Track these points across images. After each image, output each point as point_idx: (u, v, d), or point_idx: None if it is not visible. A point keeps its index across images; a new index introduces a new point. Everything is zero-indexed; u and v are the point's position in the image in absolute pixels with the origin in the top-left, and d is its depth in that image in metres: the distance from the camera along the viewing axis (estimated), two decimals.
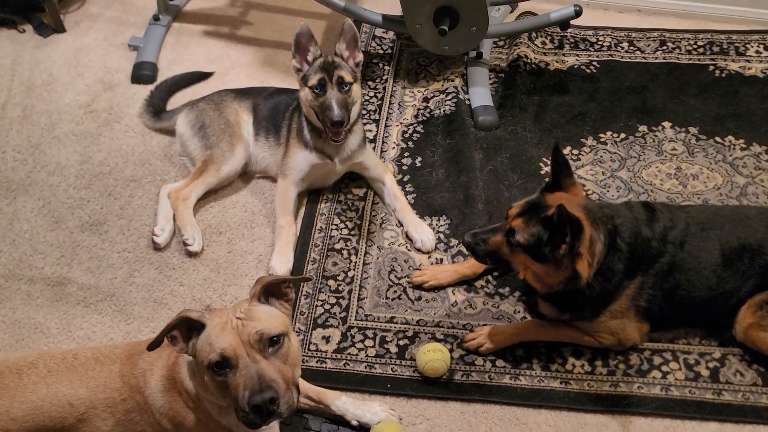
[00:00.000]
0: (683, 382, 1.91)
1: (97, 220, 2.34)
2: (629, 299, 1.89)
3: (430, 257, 2.23)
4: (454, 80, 2.83)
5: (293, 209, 2.32)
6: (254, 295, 1.49)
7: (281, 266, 2.16)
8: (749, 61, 2.87)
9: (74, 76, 2.88)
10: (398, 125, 2.67)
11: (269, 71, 2.93)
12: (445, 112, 2.70)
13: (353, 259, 2.23)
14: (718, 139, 2.57)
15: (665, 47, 2.97)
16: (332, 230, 2.31)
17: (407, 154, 2.57)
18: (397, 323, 2.07)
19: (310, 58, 2.19)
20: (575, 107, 2.73)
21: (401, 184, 2.44)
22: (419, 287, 2.14)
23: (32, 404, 1.56)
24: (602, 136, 2.61)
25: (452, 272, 2.15)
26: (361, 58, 2.23)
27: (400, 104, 2.76)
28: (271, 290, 1.52)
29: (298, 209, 2.37)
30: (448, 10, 2.57)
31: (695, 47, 2.95)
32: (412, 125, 2.67)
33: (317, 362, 1.97)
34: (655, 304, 1.90)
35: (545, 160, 2.51)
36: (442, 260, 2.23)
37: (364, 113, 2.69)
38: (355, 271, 2.20)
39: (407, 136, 2.63)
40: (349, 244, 2.27)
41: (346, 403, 1.84)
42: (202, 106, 2.47)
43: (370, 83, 2.84)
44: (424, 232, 2.26)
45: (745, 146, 2.54)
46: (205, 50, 3.02)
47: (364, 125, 2.50)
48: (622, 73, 2.86)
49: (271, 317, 1.46)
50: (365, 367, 1.97)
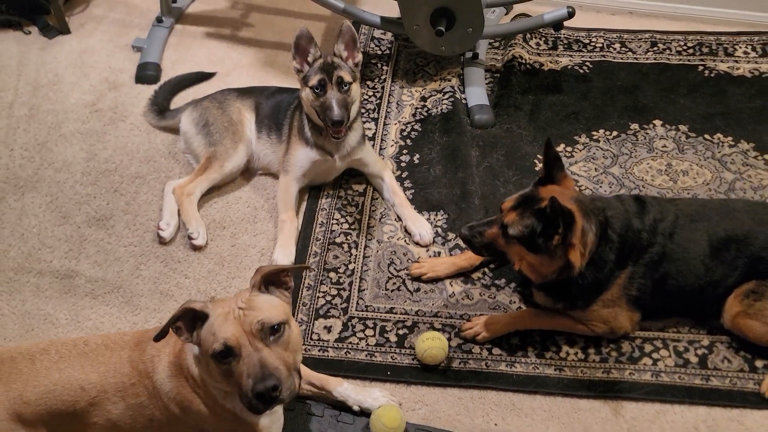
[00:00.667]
0: (673, 368, 1.97)
1: (103, 215, 2.40)
2: (620, 288, 1.94)
3: (428, 250, 2.30)
4: (450, 80, 2.90)
5: (295, 204, 2.37)
6: (255, 285, 1.53)
7: (284, 259, 2.22)
8: (737, 61, 2.95)
9: (79, 76, 2.93)
10: (397, 124, 2.74)
11: (270, 72, 2.99)
12: (442, 110, 2.76)
13: (353, 252, 2.29)
14: (707, 136, 2.64)
15: (656, 48, 3.04)
16: (333, 225, 2.38)
17: (406, 151, 2.63)
18: (396, 313, 2.13)
19: (310, 59, 2.24)
20: (569, 106, 2.79)
21: (400, 180, 2.50)
22: (418, 279, 2.20)
23: (45, 388, 1.61)
24: (595, 133, 2.68)
25: (450, 264, 2.21)
26: (360, 58, 2.29)
27: (398, 103, 2.83)
28: (270, 279, 1.57)
29: (299, 205, 2.42)
30: (444, 11, 2.63)
31: (685, 48, 3.03)
32: (410, 123, 2.74)
33: (319, 351, 2.03)
34: (645, 293, 1.95)
35: (540, 157, 2.57)
36: (439, 253, 2.29)
37: (363, 112, 2.75)
38: (355, 263, 2.26)
39: (405, 134, 2.70)
40: (349, 237, 2.34)
41: (347, 389, 1.89)
42: (205, 104, 2.52)
43: (369, 83, 2.91)
44: (422, 226, 2.32)
45: (733, 143, 2.61)
46: (207, 51, 3.08)
47: (363, 123, 2.56)
48: (614, 73, 2.93)
49: (271, 306, 1.51)
50: (366, 355, 2.03)
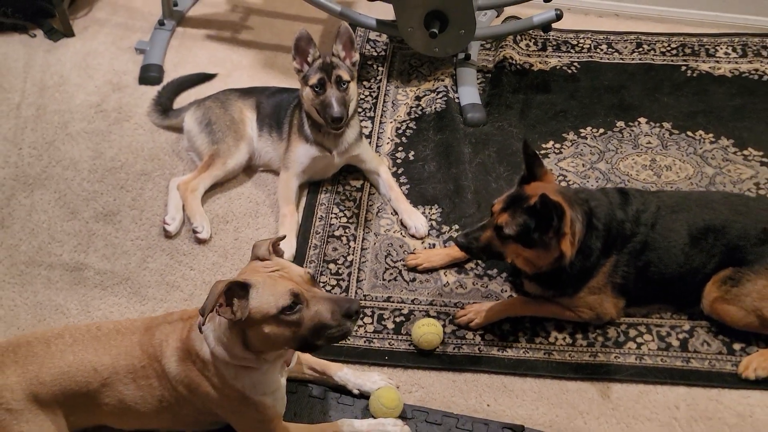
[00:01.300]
0: (656, 351, 2.07)
1: (110, 210, 2.48)
2: (606, 276, 2.04)
3: (423, 242, 2.39)
4: (444, 80, 3.00)
5: (295, 199, 2.46)
6: (270, 251, 1.64)
7: (286, 251, 2.28)
8: (718, 62, 3.06)
9: (84, 78, 3.01)
10: (392, 122, 2.84)
11: (270, 72, 3.08)
12: (436, 109, 2.86)
13: (352, 244, 2.39)
14: (689, 133, 2.75)
15: (641, 49, 3.15)
16: (332, 219, 2.47)
17: (401, 148, 2.73)
18: (393, 302, 2.22)
19: (309, 59, 2.34)
20: (557, 105, 2.90)
21: (396, 176, 2.60)
22: (413, 270, 2.30)
23: (59, 369, 1.69)
24: (582, 131, 2.79)
25: (444, 255, 2.30)
26: (357, 57, 2.39)
27: (393, 103, 2.93)
28: (274, 248, 1.68)
29: (299, 200, 2.51)
30: (438, 14, 2.73)
31: (669, 49, 3.14)
32: (405, 122, 2.84)
33: None
34: (629, 280, 2.05)
35: None
36: (434, 245, 2.39)
37: (360, 111, 2.85)
38: (353, 255, 2.35)
39: (401, 132, 2.80)
40: (347, 231, 2.43)
41: (347, 374, 1.98)
42: (208, 104, 2.62)
43: (365, 83, 3.01)
44: (417, 219, 2.42)
45: (714, 140, 2.72)
46: (208, 53, 3.17)
47: (360, 121, 2.66)
48: (601, 73, 3.03)
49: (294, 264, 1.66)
50: (365, 341, 2.12)
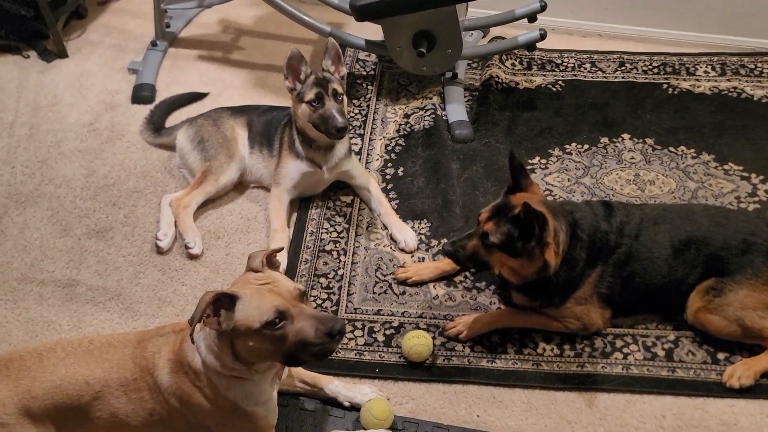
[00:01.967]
0: (642, 361, 2.10)
1: (103, 227, 2.50)
2: (591, 286, 2.08)
3: (412, 256, 2.43)
4: (432, 98, 3.06)
5: (286, 215, 2.49)
6: (263, 263, 1.65)
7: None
8: (698, 80, 3.15)
9: (77, 97, 3.05)
10: (381, 139, 2.89)
11: (260, 92, 3.13)
12: (424, 126, 2.92)
13: (342, 258, 2.42)
14: (671, 148, 2.81)
15: (624, 68, 3.24)
16: (323, 233, 2.51)
17: (390, 164, 2.78)
18: (383, 315, 2.25)
19: (302, 77, 2.39)
20: (543, 122, 2.96)
21: (385, 191, 2.64)
22: (403, 283, 2.32)
23: (52, 383, 1.69)
24: (567, 147, 2.84)
25: (433, 269, 2.33)
26: (345, 71, 2.46)
27: (383, 120, 2.98)
28: (269, 260, 1.70)
29: (290, 216, 2.55)
30: (425, 34, 2.80)
31: (651, 68, 3.23)
32: (394, 139, 2.89)
33: None
34: (614, 290, 2.09)
35: None
36: (423, 258, 2.42)
37: (350, 128, 2.90)
38: (344, 269, 2.38)
39: (390, 148, 2.85)
40: (338, 245, 2.46)
41: (338, 386, 1.99)
42: (200, 122, 2.66)
43: (354, 101, 3.06)
44: (407, 233, 2.46)
45: (695, 155, 2.78)
46: (199, 73, 3.22)
47: (350, 138, 2.71)
48: (585, 91, 3.10)
49: (287, 278, 1.66)
50: (355, 354, 2.14)
